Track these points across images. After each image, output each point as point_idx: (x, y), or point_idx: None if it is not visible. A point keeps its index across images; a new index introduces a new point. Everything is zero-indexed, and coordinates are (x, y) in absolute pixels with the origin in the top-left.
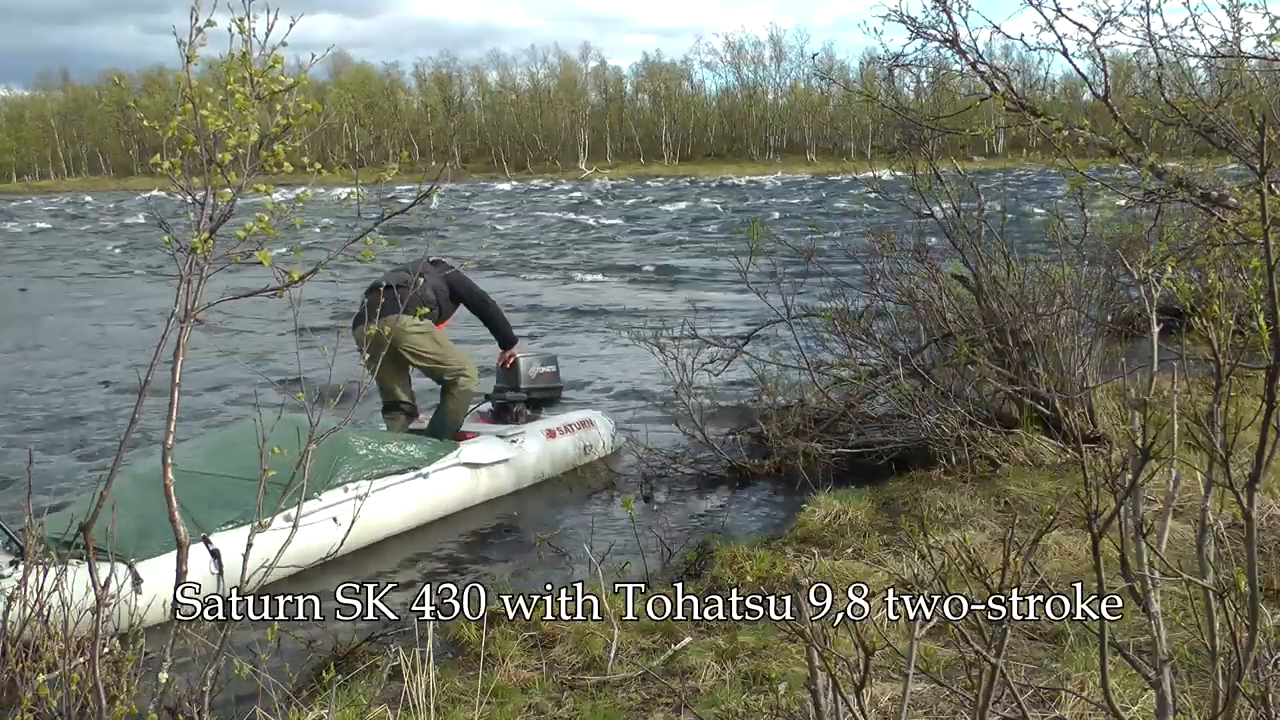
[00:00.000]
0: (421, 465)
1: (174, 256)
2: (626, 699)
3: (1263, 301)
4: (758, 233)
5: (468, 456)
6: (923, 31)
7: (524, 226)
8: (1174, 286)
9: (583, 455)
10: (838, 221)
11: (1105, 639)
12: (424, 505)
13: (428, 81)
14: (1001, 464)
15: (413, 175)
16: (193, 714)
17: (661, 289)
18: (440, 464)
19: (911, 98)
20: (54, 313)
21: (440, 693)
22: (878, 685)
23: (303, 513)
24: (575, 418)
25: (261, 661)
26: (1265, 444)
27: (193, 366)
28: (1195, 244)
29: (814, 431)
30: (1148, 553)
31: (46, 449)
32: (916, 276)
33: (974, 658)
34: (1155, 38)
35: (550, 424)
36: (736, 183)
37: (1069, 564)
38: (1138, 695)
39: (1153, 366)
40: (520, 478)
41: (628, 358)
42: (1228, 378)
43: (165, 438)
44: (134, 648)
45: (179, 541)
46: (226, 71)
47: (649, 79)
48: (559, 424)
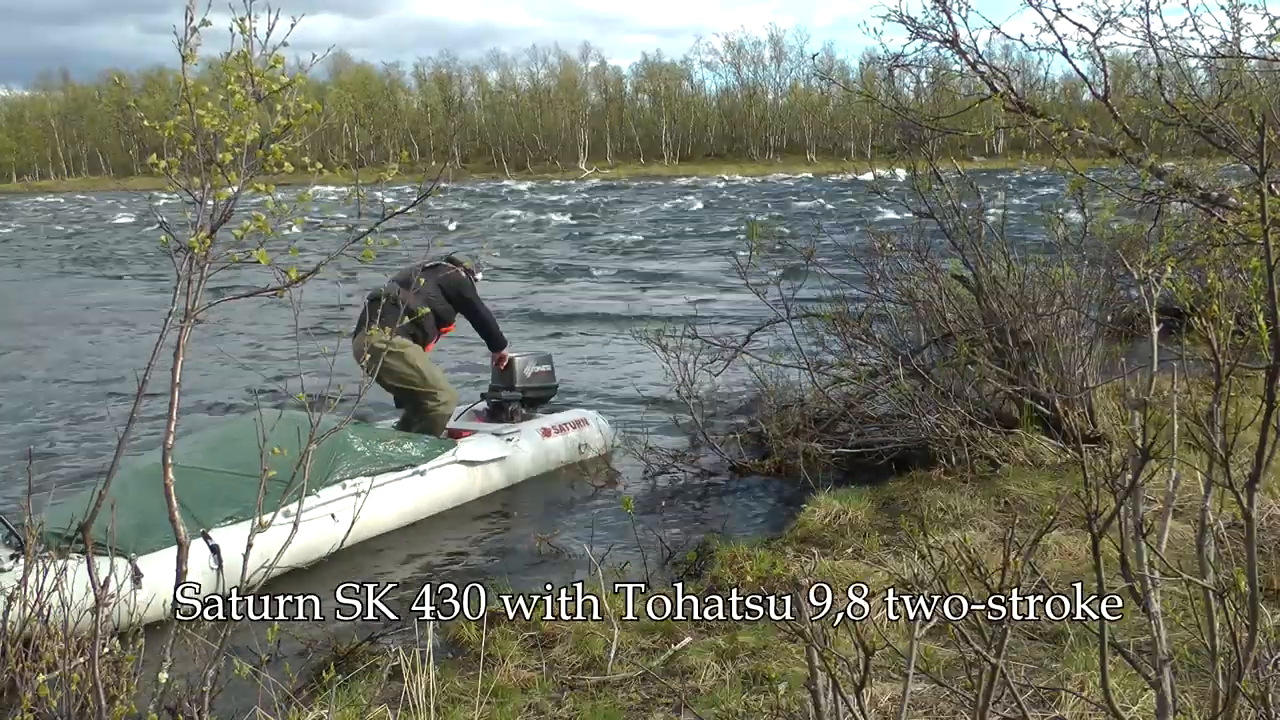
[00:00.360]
0: (419, 463)
1: (172, 257)
2: (626, 699)
3: (1263, 301)
4: (757, 233)
5: (464, 454)
6: (922, 32)
7: (537, 231)
8: (1174, 286)
9: (577, 454)
10: (839, 221)
11: (1105, 639)
12: (421, 502)
13: (428, 81)
14: (1001, 464)
15: (413, 175)
16: (193, 714)
17: (662, 289)
18: (437, 462)
19: (911, 98)
20: (57, 307)
21: (440, 693)
22: (878, 685)
23: (302, 510)
24: (570, 417)
25: (261, 661)
26: (1265, 444)
27: (193, 367)
28: (1195, 244)
29: (814, 431)
30: (1148, 553)
31: (49, 444)
32: (916, 276)
33: (974, 658)
34: (1155, 38)
35: (545, 423)
36: (744, 182)
37: (1069, 564)
38: (1138, 695)
39: (1153, 366)
40: (516, 476)
41: (629, 358)
42: (1228, 378)
43: (165, 438)
44: (134, 648)
45: (179, 543)
46: (226, 71)
47: (649, 79)
48: (554, 423)
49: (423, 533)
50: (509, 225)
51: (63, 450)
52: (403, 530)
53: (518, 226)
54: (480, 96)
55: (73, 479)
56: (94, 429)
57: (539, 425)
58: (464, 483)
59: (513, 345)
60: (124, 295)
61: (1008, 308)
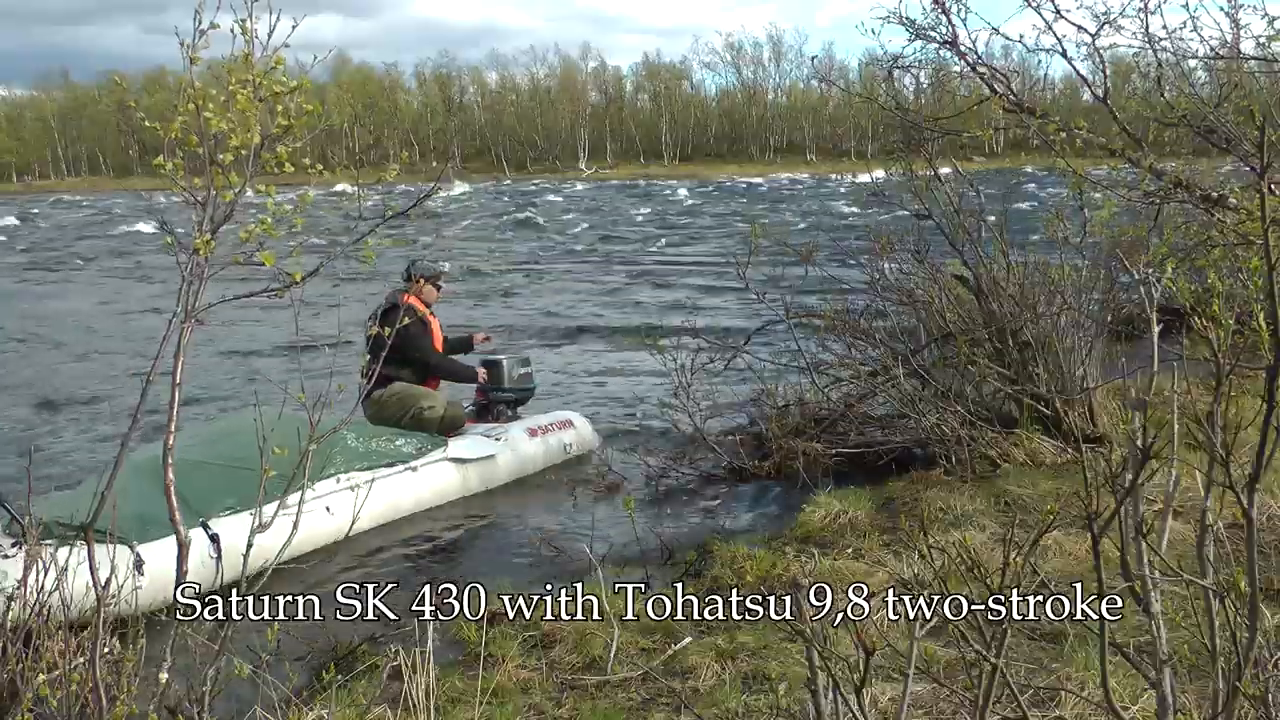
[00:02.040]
0: (410, 459)
1: (175, 258)
2: (626, 699)
3: (1263, 301)
4: (757, 233)
5: (454, 452)
6: (922, 33)
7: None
8: (1174, 286)
9: (563, 453)
10: (840, 221)
11: (1105, 639)
12: (411, 498)
13: (428, 82)
14: (1001, 464)
15: (413, 175)
16: (193, 714)
17: (662, 289)
18: (428, 459)
19: (911, 99)
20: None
21: (440, 693)
22: (878, 685)
23: (292, 502)
24: (556, 418)
25: (262, 661)
26: (1265, 444)
27: (198, 366)
28: (1195, 244)
29: (814, 431)
30: (1148, 553)
31: (53, 432)
32: (916, 276)
33: (974, 658)
34: (1154, 39)
35: (531, 423)
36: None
37: (1069, 564)
38: (1138, 695)
39: (1153, 366)
40: (504, 474)
41: (629, 358)
42: (1228, 378)
43: (166, 437)
44: (134, 648)
45: (180, 543)
46: (228, 73)
47: (649, 79)
48: (541, 423)
49: (422, 533)
50: (506, 224)
51: (65, 446)
52: (402, 530)
53: (517, 226)
54: (480, 97)
55: (71, 473)
56: (93, 424)
57: (525, 425)
58: (454, 480)
59: (494, 343)
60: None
61: (1008, 308)
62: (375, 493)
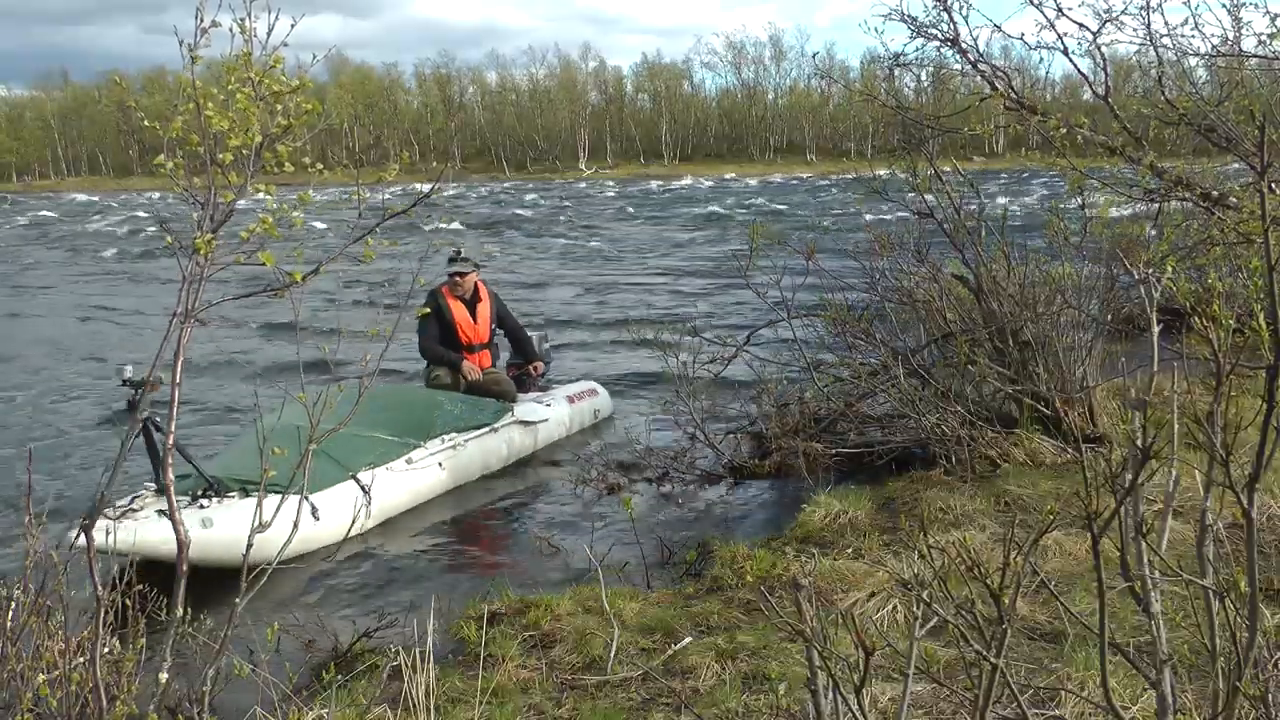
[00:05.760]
0: (491, 421)
1: (176, 257)
2: (626, 699)
3: (1263, 301)
4: (758, 233)
5: (520, 415)
6: (923, 31)
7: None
8: (1174, 286)
9: (593, 417)
10: (840, 222)
11: (1105, 639)
12: (493, 456)
13: (428, 82)
14: (1001, 464)
15: (413, 175)
16: (193, 714)
17: (662, 289)
18: (504, 421)
19: (911, 97)
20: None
21: (440, 693)
22: (878, 685)
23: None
24: (583, 386)
25: (262, 661)
26: (1265, 444)
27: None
28: (1195, 244)
29: (814, 431)
30: (1148, 553)
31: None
32: (916, 276)
33: (974, 658)
34: (1156, 37)
35: (568, 391)
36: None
37: (1069, 564)
38: (1138, 695)
39: (1153, 366)
40: (556, 434)
41: (629, 358)
42: (1228, 378)
43: (166, 437)
44: (134, 648)
45: (179, 543)
46: (228, 72)
47: (649, 79)
48: (575, 391)
49: (423, 531)
50: (508, 224)
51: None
52: (402, 530)
53: (516, 226)
54: (480, 97)
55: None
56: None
57: (565, 393)
58: (521, 440)
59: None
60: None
61: (1008, 307)
62: (468, 450)
